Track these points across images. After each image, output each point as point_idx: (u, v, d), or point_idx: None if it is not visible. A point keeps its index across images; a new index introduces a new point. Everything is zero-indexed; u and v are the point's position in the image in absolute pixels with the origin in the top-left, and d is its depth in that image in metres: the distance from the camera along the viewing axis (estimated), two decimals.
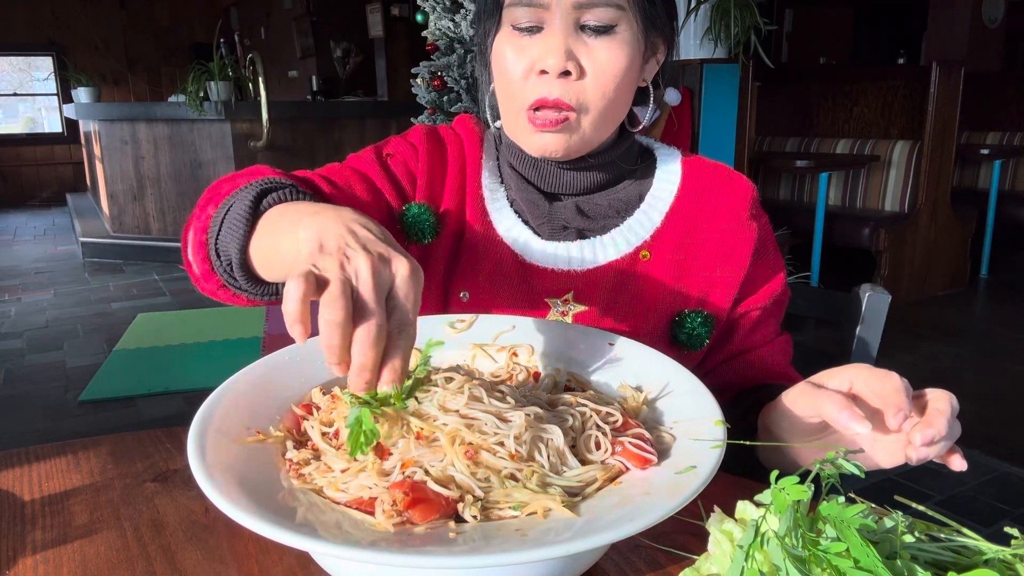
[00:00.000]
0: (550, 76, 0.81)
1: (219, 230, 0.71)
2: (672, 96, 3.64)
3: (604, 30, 0.81)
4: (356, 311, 0.50)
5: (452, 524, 0.52)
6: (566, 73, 0.81)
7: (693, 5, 3.57)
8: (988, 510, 2.32)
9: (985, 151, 5.23)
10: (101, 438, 0.84)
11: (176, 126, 5.99)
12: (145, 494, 0.72)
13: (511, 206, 0.93)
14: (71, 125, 10.20)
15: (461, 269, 0.91)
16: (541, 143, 0.85)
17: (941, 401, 0.62)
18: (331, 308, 0.49)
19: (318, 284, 0.50)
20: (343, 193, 0.86)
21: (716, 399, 0.65)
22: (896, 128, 4.83)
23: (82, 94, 6.52)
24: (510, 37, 0.84)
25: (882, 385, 0.62)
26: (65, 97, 9.95)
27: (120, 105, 7.46)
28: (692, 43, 3.68)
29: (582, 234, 0.91)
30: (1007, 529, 0.49)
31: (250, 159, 5.88)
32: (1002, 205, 5.17)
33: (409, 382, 0.56)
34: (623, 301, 0.89)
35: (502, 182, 0.95)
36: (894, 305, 1.11)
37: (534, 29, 0.83)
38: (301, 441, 0.63)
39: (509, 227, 0.91)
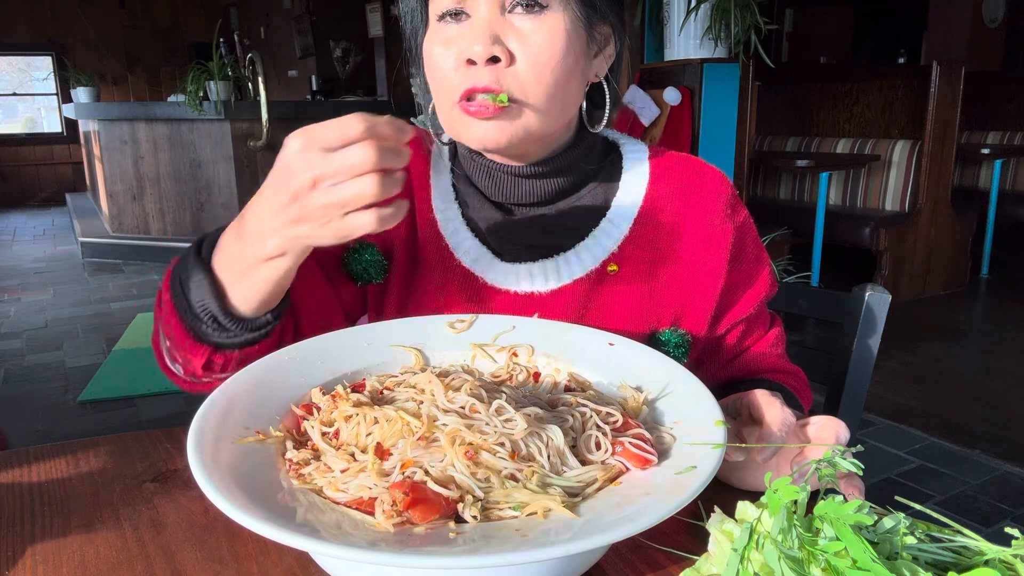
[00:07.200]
0: (479, 65, 0.75)
1: (187, 298, 0.71)
2: (672, 96, 3.64)
3: (532, 6, 0.75)
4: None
5: (452, 524, 0.52)
6: (494, 60, 0.75)
7: (693, 5, 3.57)
8: (988, 510, 2.32)
9: (985, 151, 5.23)
10: (101, 438, 0.84)
11: (176, 126, 5.99)
12: (144, 494, 0.72)
13: (468, 226, 0.87)
14: (71, 125, 10.20)
15: (418, 297, 0.86)
16: (479, 133, 0.78)
17: (826, 431, 0.66)
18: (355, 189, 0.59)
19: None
20: None
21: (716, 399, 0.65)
22: (896, 128, 4.83)
23: (82, 94, 6.51)
24: (436, 31, 0.79)
25: (764, 412, 0.68)
26: (65, 97, 9.94)
27: (120, 105, 7.45)
28: (692, 43, 3.68)
29: (545, 252, 0.86)
30: (1007, 529, 0.49)
31: (249, 159, 5.88)
32: (1002, 205, 5.17)
33: None
34: (591, 321, 0.83)
35: (456, 199, 0.88)
36: (894, 305, 1.11)
37: (460, 14, 0.77)
38: (301, 441, 0.63)
39: (467, 249, 0.86)
